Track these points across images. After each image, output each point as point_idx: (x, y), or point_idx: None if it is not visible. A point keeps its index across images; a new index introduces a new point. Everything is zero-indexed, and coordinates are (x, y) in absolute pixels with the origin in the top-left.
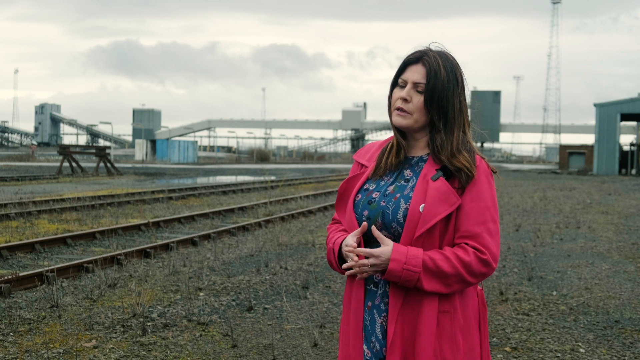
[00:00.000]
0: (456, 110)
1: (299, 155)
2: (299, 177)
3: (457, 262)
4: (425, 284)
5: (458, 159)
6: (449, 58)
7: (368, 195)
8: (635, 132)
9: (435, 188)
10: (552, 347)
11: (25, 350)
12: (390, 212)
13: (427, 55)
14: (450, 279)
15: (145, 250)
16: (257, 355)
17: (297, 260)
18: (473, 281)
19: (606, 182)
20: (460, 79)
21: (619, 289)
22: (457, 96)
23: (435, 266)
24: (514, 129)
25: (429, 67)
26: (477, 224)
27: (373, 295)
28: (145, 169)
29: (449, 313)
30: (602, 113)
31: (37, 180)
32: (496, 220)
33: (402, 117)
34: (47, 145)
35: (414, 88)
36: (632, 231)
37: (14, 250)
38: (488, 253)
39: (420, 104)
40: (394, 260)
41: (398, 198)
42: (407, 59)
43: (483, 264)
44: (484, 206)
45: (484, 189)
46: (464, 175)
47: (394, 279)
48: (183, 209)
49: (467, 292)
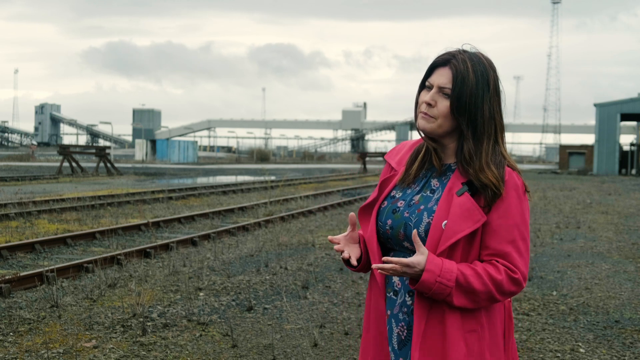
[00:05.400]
0: (486, 118)
1: (299, 155)
2: (299, 177)
3: (489, 279)
4: (455, 299)
5: (486, 174)
6: (481, 61)
7: (393, 203)
8: (635, 132)
9: (460, 204)
10: (552, 347)
11: (25, 350)
12: (412, 224)
13: (456, 58)
14: (479, 296)
15: (145, 250)
16: (257, 355)
17: (297, 260)
18: (501, 299)
19: (606, 182)
20: (492, 84)
21: (619, 289)
22: (488, 103)
23: (466, 282)
24: (514, 129)
25: (455, 71)
26: (505, 243)
27: (392, 304)
28: (145, 169)
29: (477, 332)
30: (602, 113)
31: (37, 180)
32: (526, 238)
33: (426, 121)
34: (47, 145)
35: (439, 92)
36: (632, 231)
37: (14, 250)
38: (519, 272)
39: (445, 109)
40: (428, 272)
41: (422, 210)
42: (435, 62)
43: (514, 283)
44: (512, 224)
45: (513, 204)
46: (490, 192)
47: (425, 290)
48: (183, 209)
49: (494, 307)
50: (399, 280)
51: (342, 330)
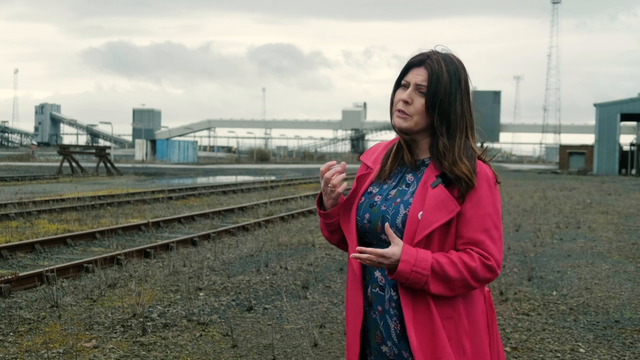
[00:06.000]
0: (458, 115)
1: (299, 155)
2: (299, 177)
3: (463, 267)
4: (432, 287)
5: (459, 167)
6: (453, 61)
7: (371, 198)
8: (635, 132)
9: (434, 195)
10: (552, 347)
11: (25, 350)
12: (389, 217)
13: (430, 58)
14: (455, 284)
15: (145, 250)
16: (257, 355)
17: (297, 260)
18: (476, 286)
19: (606, 182)
20: (464, 83)
21: (619, 289)
22: (460, 100)
23: (441, 270)
24: (514, 129)
25: (431, 71)
26: (479, 231)
27: (381, 300)
28: (145, 169)
29: (454, 319)
30: (602, 113)
31: (37, 180)
32: (499, 226)
33: (403, 119)
34: (47, 145)
35: (415, 90)
36: (632, 231)
37: (14, 250)
38: (492, 259)
39: (421, 106)
40: (404, 262)
41: (398, 203)
42: (410, 62)
43: (488, 270)
44: (484, 213)
45: (485, 195)
46: (463, 184)
47: (402, 279)
48: (183, 209)
49: (473, 296)
50: (382, 275)
51: (342, 330)
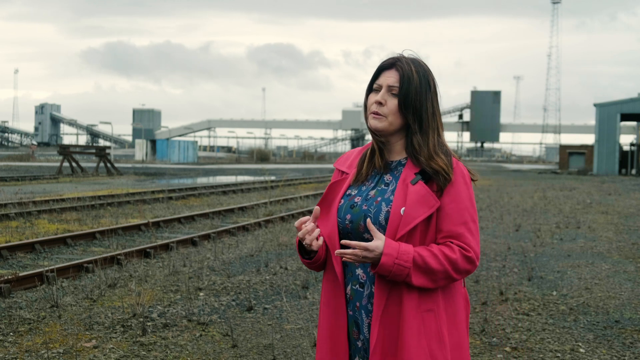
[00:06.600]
0: (429, 113)
1: (299, 155)
2: (299, 177)
3: (444, 259)
4: (414, 279)
5: (436, 161)
6: (421, 64)
7: (350, 199)
8: (635, 132)
9: (415, 191)
10: (552, 347)
11: (25, 350)
12: (372, 215)
13: (400, 61)
14: (437, 275)
15: (145, 250)
16: (257, 355)
17: (297, 260)
18: (457, 277)
19: (606, 182)
20: (432, 84)
21: (619, 289)
22: (430, 100)
23: (423, 262)
24: (514, 129)
25: (402, 72)
26: (458, 225)
27: (360, 296)
28: (145, 169)
29: (434, 311)
30: (602, 113)
31: (37, 180)
32: (475, 220)
33: (378, 120)
34: (47, 145)
35: (388, 92)
36: (632, 231)
37: (14, 250)
38: (472, 251)
39: (394, 107)
40: (386, 255)
41: (379, 202)
42: (381, 65)
43: (468, 261)
44: (463, 207)
45: (461, 190)
46: (441, 177)
47: (385, 272)
48: (183, 209)
49: (452, 290)
50: (363, 272)
51: None
